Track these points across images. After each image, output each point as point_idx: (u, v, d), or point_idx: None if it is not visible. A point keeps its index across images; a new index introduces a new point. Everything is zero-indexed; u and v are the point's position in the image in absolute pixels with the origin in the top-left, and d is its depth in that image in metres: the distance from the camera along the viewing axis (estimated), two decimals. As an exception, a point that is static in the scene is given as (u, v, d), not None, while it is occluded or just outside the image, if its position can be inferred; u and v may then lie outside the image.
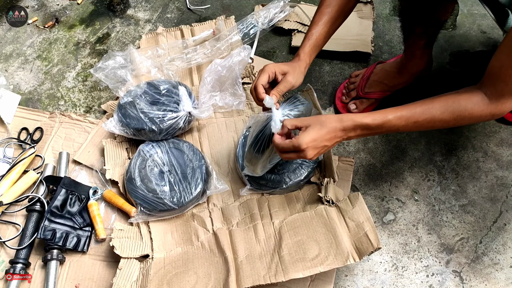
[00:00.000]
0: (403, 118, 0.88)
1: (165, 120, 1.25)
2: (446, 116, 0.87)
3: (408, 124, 0.89)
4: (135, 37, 1.59)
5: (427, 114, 0.87)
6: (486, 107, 0.84)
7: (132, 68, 1.42)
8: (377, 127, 0.89)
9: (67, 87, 1.49)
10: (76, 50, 1.57)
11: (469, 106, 0.85)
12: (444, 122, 0.88)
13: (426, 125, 0.89)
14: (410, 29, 1.20)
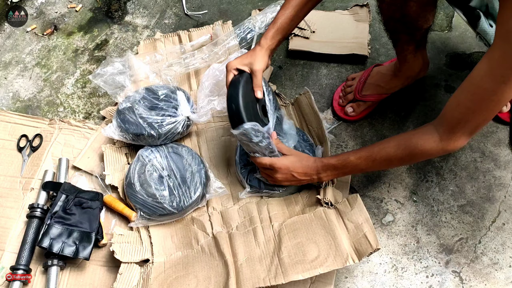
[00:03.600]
0: (363, 158, 0.98)
1: (163, 125, 1.26)
2: (399, 153, 0.92)
3: (368, 163, 0.97)
4: (133, 43, 1.60)
5: (383, 152, 0.95)
6: (436, 144, 0.88)
7: (131, 74, 1.43)
8: (342, 167, 1.01)
9: (66, 93, 1.50)
10: (74, 57, 1.58)
11: (419, 143, 0.89)
12: (399, 159, 0.94)
13: (384, 163, 0.98)
14: (396, 37, 1.21)
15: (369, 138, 1.32)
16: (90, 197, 1.22)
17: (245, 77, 1.09)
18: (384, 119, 1.35)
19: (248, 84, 1.09)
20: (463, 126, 0.84)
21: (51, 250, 1.09)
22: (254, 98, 1.10)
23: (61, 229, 1.14)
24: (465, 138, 0.86)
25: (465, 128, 0.84)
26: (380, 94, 1.33)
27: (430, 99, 1.37)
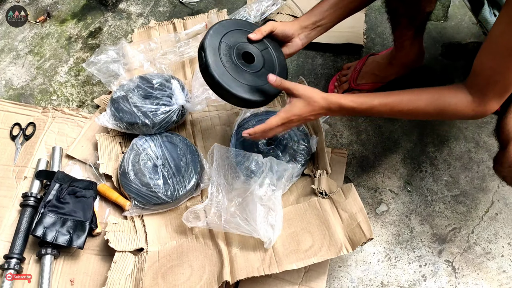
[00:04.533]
0: (388, 106, 0.90)
1: (158, 114, 1.25)
2: (430, 109, 0.88)
3: (393, 112, 0.91)
4: (128, 31, 1.59)
5: (412, 105, 0.89)
6: (469, 105, 0.84)
7: (125, 62, 1.42)
8: (362, 111, 0.92)
9: (60, 82, 1.49)
10: (68, 45, 1.56)
11: (453, 102, 0.85)
12: (427, 114, 0.89)
13: (410, 115, 0.91)
14: (397, 20, 1.20)
15: (364, 128, 1.32)
16: (84, 186, 1.21)
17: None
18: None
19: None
20: (492, 89, 0.80)
21: (45, 239, 1.09)
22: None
23: (54, 218, 1.13)
24: (496, 101, 0.82)
25: (494, 90, 0.80)
26: (375, 83, 1.33)
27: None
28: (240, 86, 0.98)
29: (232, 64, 0.99)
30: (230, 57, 1.00)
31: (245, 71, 1.01)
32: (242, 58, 1.02)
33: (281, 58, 1.07)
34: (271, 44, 1.07)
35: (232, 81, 0.97)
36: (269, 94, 1.01)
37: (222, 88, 0.97)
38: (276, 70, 1.04)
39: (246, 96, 0.98)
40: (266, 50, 1.06)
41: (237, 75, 0.99)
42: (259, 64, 1.03)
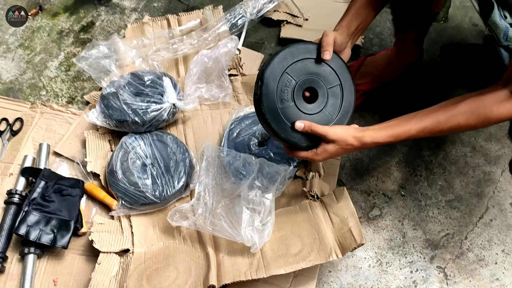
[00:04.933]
0: (427, 130, 0.85)
1: (148, 111, 1.22)
2: (472, 120, 0.82)
3: (433, 134, 0.86)
4: (121, 26, 1.56)
5: (452, 123, 0.83)
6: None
7: (116, 58, 1.39)
8: (398, 140, 0.89)
9: (49, 76, 1.46)
10: (59, 39, 1.53)
11: (495, 107, 0.80)
12: (470, 127, 0.84)
13: (451, 131, 0.87)
14: (402, 21, 1.18)
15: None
16: (71, 184, 1.19)
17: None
18: (375, 112, 1.32)
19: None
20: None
21: (28, 237, 1.06)
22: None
23: (39, 217, 1.11)
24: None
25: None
26: (373, 83, 1.31)
27: (423, 91, 1.34)
28: (289, 127, 0.92)
29: (289, 102, 0.91)
30: (290, 93, 0.92)
31: (301, 112, 0.93)
32: (303, 95, 0.94)
33: (348, 100, 0.96)
34: (343, 79, 0.96)
35: (281, 122, 0.91)
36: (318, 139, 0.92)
37: (269, 127, 0.91)
38: (336, 115, 0.95)
39: (293, 140, 0.92)
40: (336, 87, 0.96)
41: (290, 115, 0.91)
42: (320, 105, 0.94)
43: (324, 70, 0.94)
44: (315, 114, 0.93)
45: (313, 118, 0.92)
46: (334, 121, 0.94)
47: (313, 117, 0.93)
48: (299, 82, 0.92)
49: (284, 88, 0.92)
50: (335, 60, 0.95)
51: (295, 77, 0.92)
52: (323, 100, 0.94)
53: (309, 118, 0.92)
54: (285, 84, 0.91)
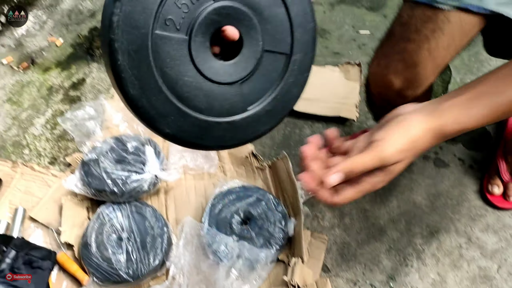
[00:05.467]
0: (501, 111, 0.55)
1: (128, 182, 1.17)
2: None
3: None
4: (110, 84, 1.53)
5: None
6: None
7: (103, 119, 1.35)
8: (495, 121, 0.57)
9: (34, 134, 1.42)
10: (48, 95, 1.50)
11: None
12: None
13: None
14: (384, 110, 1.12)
15: (348, 210, 1.23)
16: (42, 255, 1.12)
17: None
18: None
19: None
20: None
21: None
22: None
23: (3, 294, 1.04)
24: None
25: None
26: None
27: (417, 172, 1.28)
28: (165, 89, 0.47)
29: (178, 33, 0.46)
30: (187, 22, 0.47)
31: (199, 69, 0.49)
32: (211, 40, 0.50)
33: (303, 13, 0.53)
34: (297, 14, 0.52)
35: (148, 73, 0.45)
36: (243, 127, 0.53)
37: (119, 81, 0.45)
38: (291, 51, 0.53)
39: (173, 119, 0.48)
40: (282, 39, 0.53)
41: (173, 67, 0.47)
42: (242, 66, 0.51)
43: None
44: (226, 85, 0.50)
45: (223, 89, 0.50)
46: (264, 102, 0.53)
47: (222, 88, 0.50)
48: (210, 10, 0.47)
49: (172, 10, 0.45)
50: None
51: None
52: (250, 59, 0.51)
53: (214, 89, 0.49)
54: (169, 11, 0.45)
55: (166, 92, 0.46)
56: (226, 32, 0.49)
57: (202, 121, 0.49)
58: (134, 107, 0.46)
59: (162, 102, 0.46)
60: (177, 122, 0.48)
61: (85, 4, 1.72)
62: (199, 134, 0.50)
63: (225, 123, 0.51)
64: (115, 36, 0.42)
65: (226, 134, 0.51)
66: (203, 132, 0.50)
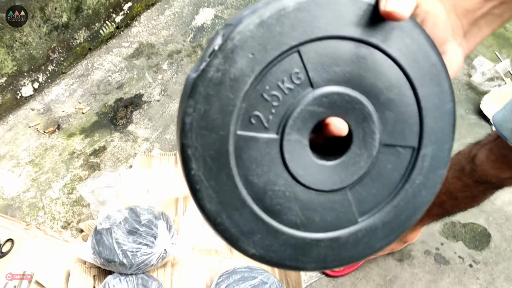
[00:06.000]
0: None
1: (138, 255, 1.20)
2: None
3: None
4: (130, 154, 1.61)
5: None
6: None
7: (119, 189, 1.41)
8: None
9: (51, 197, 1.48)
10: (69, 160, 1.58)
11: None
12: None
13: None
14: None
15: (350, 300, 1.24)
16: (45, 322, 1.14)
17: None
18: (368, 281, 1.28)
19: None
20: None
21: None
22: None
23: None
24: None
25: None
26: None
27: (418, 266, 1.31)
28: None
29: (267, 132, 0.37)
30: (279, 117, 0.37)
31: (295, 176, 0.39)
32: (314, 133, 0.40)
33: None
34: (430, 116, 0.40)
35: (228, 185, 0.37)
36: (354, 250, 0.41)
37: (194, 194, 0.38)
38: (420, 143, 0.40)
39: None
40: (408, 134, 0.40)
41: (261, 174, 0.38)
42: (353, 168, 0.40)
43: (385, 76, 0.38)
44: (330, 192, 0.39)
45: (325, 198, 0.39)
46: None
47: (324, 197, 0.39)
48: (308, 101, 0.37)
49: (258, 104, 0.36)
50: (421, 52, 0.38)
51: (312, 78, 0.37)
52: (361, 157, 0.39)
53: (314, 198, 0.39)
54: (270, 90, 0.36)
55: (251, 206, 0.37)
56: (330, 126, 0.38)
57: (298, 238, 0.39)
58: (212, 224, 0.37)
59: (246, 218, 0.37)
60: (265, 241, 0.38)
61: (114, 76, 1.84)
62: (294, 254, 0.39)
63: (328, 240, 0.39)
64: (188, 141, 0.35)
65: (328, 253, 0.40)
66: (299, 252, 0.39)
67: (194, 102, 0.34)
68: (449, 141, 0.40)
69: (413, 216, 0.41)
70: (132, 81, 1.83)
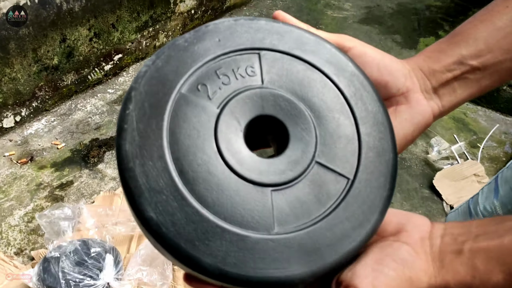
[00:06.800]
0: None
1: (80, 285, 1.23)
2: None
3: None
4: (95, 191, 1.67)
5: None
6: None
7: (76, 221, 1.46)
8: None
9: (10, 224, 1.52)
10: (35, 190, 1.64)
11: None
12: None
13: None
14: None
15: None
16: None
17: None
18: None
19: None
20: None
21: None
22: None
23: None
24: None
25: None
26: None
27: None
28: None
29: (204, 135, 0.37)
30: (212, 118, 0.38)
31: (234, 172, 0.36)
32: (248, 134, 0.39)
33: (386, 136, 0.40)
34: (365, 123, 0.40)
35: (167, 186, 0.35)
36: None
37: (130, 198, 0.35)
38: (355, 176, 0.39)
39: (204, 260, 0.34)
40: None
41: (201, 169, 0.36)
42: (298, 152, 0.38)
43: (332, 102, 0.40)
44: (251, 184, 0.36)
45: (244, 188, 0.36)
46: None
47: (243, 186, 0.36)
48: (254, 91, 0.39)
49: (209, 77, 0.38)
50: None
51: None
52: (293, 165, 0.38)
53: (232, 182, 0.36)
54: (224, 71, 0.39)
55: (167, 161, 0.34)
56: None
57: (203, 217, 0.34)
58: (124, 167, 0.34)
59: (157, 172, 0.34)
60: (168, 206, 0.34)
61: (94, 118, 1.96)
62: (194, 235, 0.34)
63: (234, 234, 0.34)
64: (136, 85, 0.36)
65: (231, 251, 0.34)
66: (199, 235, 0.34)
67: (156, 57, 0.37)
68: (387, 190, 0.39)
69: (334, 251, 0.36)
70: (110, 124, 1.94)
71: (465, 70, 0.44)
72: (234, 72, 0.38)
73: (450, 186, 1.83)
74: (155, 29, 2.27)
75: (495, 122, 2.23)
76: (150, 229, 0.34)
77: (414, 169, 1.94)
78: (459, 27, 0.46)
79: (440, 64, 0.44)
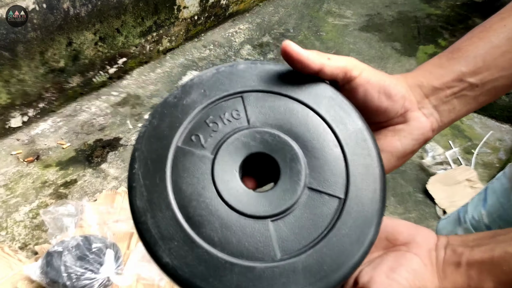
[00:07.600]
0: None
1: (81, 278, 1.29)
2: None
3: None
4: (98, 189, 1.73)
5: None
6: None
7: (79, 218, 1.52)
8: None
9: (16, 220, 1.58)
10: (40, 188, 1.70)
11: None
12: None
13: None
14: None
15: None
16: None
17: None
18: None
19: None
20: None
21: None
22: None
23: None
24: None
25: None
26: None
27: None
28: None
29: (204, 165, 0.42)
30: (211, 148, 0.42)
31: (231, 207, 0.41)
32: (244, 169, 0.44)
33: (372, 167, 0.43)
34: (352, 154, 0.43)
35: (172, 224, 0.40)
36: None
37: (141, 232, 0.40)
38: (346, 195, 0.42)
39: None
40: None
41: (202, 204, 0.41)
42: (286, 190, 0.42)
43: (314, 130, 0.43)
44: (251, 218, 0.40)
45: (245, 223, 0.40)
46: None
47: (245, 222, 0.40)
48: (243, 133, 0.43)
49: (201, 127, 0.42)
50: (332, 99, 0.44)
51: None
52: (287, 194, 0.41)
53: (234, 219, 0.40)
54: (213, 119, 0.43)
55: (174, 210, 0.39)
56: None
57: (213, 256, 0.39)
58: (137, 221, 0.39)
59: (167, 221, 0.39)
60: (181, 251, 0.38)
61: (98, 119, 2.02)
62: (206, 273, 0.38)
63: (242, 267, 0.38)
64: (138, 145, 0.41)
65: (241, 282, 0.38)
66: (212, 272, 0.38)
67: (151, 117, 0.42)
68: (379, 203, 0.41)
69: (337, 268, 0.39)
70: (114, 126, 2.00)
71: (464, 87, 0.46)
72: (222, 118, 0.42)
73: (443, 190, 1.87)
74: (158, 34, 2.34)
75: (490, 129, 2.27)
76: (168, 273, 0.39)
77: (408, 173, 1.98)
78: (459, 42, 0.49)
79: (440, 81, 0.46)
